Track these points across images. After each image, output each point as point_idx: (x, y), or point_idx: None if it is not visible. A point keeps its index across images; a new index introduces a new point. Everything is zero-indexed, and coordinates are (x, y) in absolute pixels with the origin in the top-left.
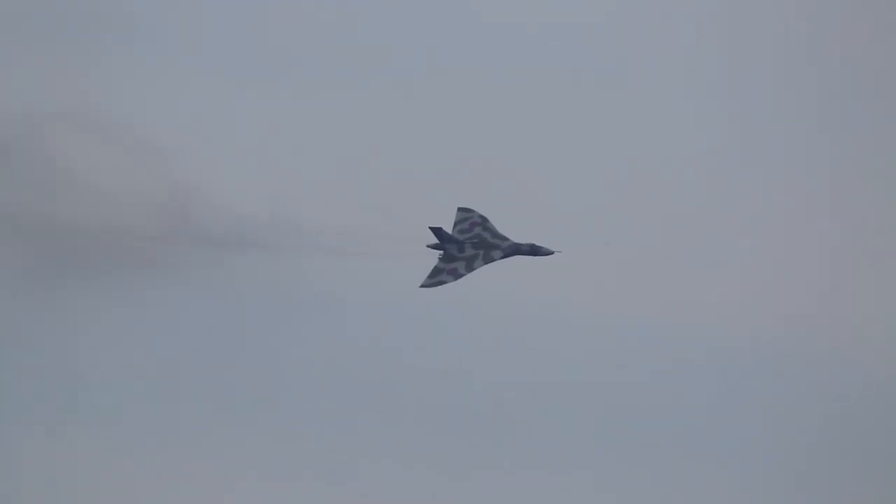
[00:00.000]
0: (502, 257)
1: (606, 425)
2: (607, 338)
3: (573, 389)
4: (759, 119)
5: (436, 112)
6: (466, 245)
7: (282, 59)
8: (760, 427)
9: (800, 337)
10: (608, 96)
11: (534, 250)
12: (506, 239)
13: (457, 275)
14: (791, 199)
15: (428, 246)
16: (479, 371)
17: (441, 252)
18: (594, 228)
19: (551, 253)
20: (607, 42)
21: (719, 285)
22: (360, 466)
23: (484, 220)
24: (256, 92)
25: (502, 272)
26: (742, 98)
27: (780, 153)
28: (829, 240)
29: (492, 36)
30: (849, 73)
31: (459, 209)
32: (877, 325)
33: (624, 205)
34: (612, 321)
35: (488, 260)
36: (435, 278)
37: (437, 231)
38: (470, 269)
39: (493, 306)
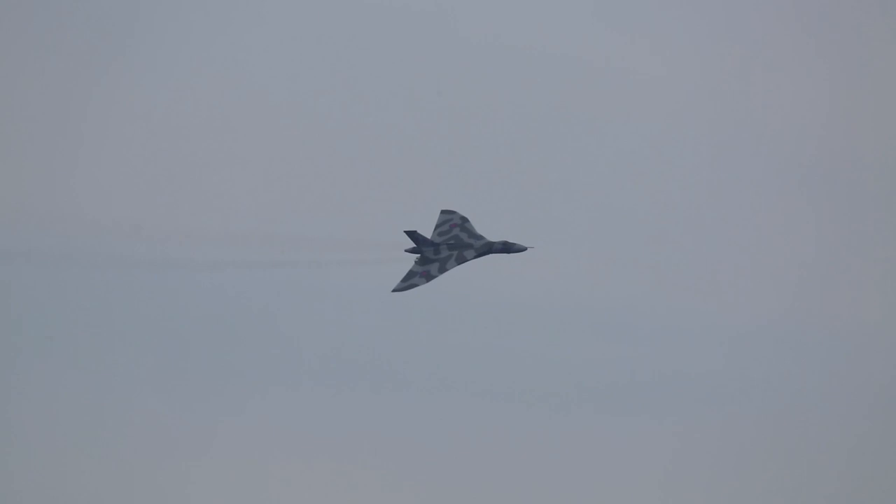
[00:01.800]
0: (475, 257)
1: (584, 418)
2: (583, 329)
3: (549, 382)
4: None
5: (422, 112)
6: (442, 247)
7: (262, 63)
8: (747, 426)
9: (786, 327)
10: (591, 96)
11: (507, 247)
12: (480, 238)
13: (429, 277)
14: (773, 196)
15: (406, 250)
16: (452, 373)
17: (418, 255)
18: (575, 224)
19: (524, 249)
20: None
21: (696, 278)
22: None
23: (464, 220)
24: (230, 97)
25: (475, 271)
26: (732, 92)
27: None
28: (823, 234)
29: (478, 45)
30: (850, 69)
31: (442, 212)
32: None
33: (601, 201)
34: (585, 313)
35: (461, 260)
36: (407, 282)
37: (412, 234)
38: (443, 270)
39: (463, 305)
